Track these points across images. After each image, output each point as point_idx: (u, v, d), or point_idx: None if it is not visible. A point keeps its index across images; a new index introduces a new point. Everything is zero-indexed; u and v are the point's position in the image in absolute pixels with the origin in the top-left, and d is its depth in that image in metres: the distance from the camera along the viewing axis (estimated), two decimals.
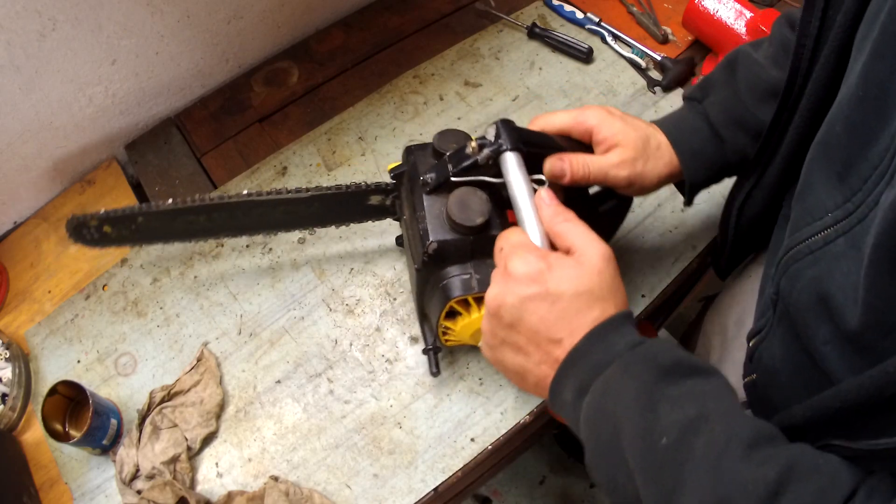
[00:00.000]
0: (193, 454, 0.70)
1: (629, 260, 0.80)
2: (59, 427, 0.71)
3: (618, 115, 0.59)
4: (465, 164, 0.55)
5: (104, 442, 0.69)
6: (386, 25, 1.02)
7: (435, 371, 0.69)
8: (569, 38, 0.96)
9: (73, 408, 0.73)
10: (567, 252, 0.47)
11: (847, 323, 0.39)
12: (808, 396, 0.43)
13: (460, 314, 0.61)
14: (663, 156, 0.59)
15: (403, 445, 0.70)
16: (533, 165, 0.57)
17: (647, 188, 0.60)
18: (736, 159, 0.62)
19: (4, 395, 0.74)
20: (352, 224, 0.74)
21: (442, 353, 0.73)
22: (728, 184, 0.66)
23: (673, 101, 0.92)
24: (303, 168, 0.88)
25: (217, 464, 0.70)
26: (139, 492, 0.67)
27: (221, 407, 0.73)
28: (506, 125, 0.54)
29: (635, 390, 0.40)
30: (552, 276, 0.44)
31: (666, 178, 0.60)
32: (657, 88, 0.93)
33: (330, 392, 0.73)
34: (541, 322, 0.44)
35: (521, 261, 0.45)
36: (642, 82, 0.94)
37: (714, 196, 0.84)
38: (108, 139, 0.91)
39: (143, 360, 0.77)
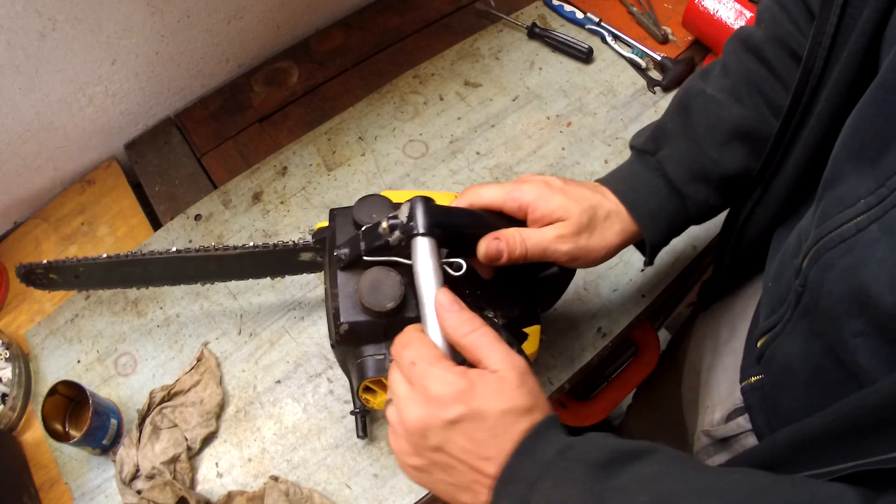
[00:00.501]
0: (193, 454, 0.70)
1: (629, 260, 0.80)
2: (59, 427, 0.71)
3: (558, 187, 0.54)
4: (377, 244, 0.53)
5: (104, 442, 0.69)
6: (386, 25, 1.02)
7: (361, 434, 0.68)
8: (569, 38, 0.96)
9: (73, 408, 0.73)
10: (477, 365, 0.44)
11: (883, 312, 0.38)
12: (826, 397, 0.41)
13: (375, 391, 0.59)
14: (613, 225, 0.55)
15: None
16: (457, 246, 0.55)
17: (593, 261, 0.55)
18: (698, 212, 0.59)
19: (4, 395, 0.74)
20: (286, 276, 0.75)
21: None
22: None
23: None
24: (303, 168, 0.88)
25: (217, 464, 0.70)
26: (139, 492, 0.67)
27: (221, 407, 0.73)
28: (422, 205, 0.51)
29: (577, 496, 0.37)
30: (476, 394, 0.41)
31: (617, 247, 0.56)
32: (657, 88, 0.93)
33: (330, 392, 0.73)
34: (470, 442, 0.41)
35: (441, 381, 0.42)
36: (642, 82, 0.94)
37: None
38: (108, 139, 0.91)
39: (143, 360, 0.77)
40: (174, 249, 0.66)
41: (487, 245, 0.52)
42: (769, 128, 0.54)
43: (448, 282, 0.58)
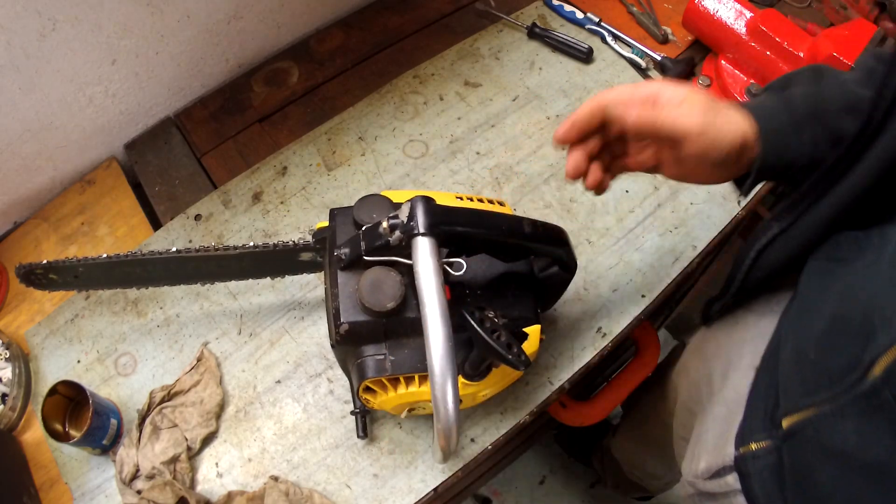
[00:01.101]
0: (193, 454, 0.70)
1: (629, 260, 0.80)
2: (59, 427, 0.71)
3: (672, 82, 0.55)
4: (378, 244, 0.53)
5: (104, 442, 0.69)
6: (386, 25, 1.02)
7: (361, 434, 0.68)
8: (569, 38, 0.96)
9: (73, 408, 0.73)
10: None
11: None
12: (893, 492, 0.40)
13: (376, 391, 0.60)
14: (735, 120, 0.54)
15: (403, 445, 0.70)
16: (457, 246, 0.55)
17: (719, 142, 0.53)
18: (804, 160, 0.56)
19: (4, 395, 0.74)
20: (286, 276, 0.76)
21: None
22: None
23: None
24: (303, 168, 0.88)
25: (217, 464, 0.70)
26: (139, 492, 0.67)
27: (221, 407, 0.73)
28: (422, 204, 0.51)
29: None
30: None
31: (736, 141, 0.53)
32: None
33: (330, 392, 0.73)
34: None
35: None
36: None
37: (714, 196, 0.84)
38: (108, 139, 0.91)
39: (143, 360, 0.77)
40: (174, 249, 0.66)
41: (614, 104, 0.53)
42: None
43: (448, 282, 0.58)
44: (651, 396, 1.01)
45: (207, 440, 0.71)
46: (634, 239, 0.82)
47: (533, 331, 0.60)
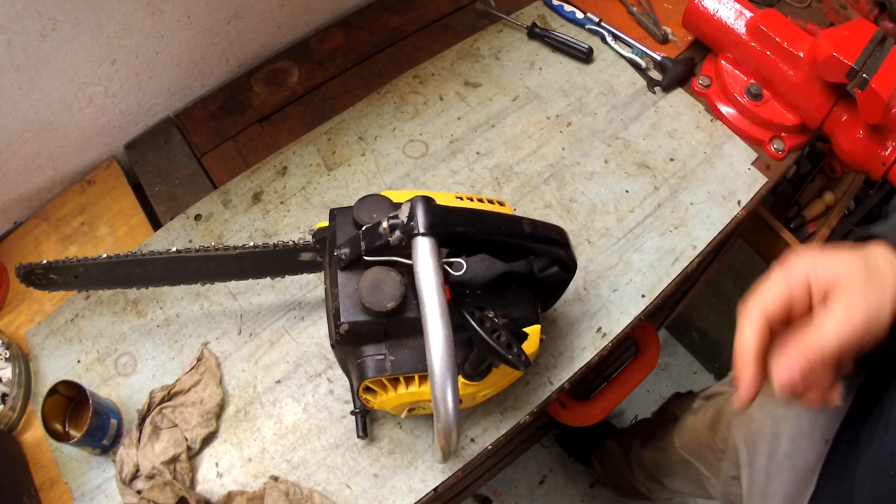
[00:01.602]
0: (193, 454, 0.70)
1: (629, 260, 0.80)
2: (59, 427, 0.71)
3: (818, 251, 0.48)
4: (378, 244, 0.53)
5: (104, 442, 0.69)
6: (386, 25, 1.02)
7: (361, 434, 0.68)
8: (569, 38, 0.96)
9: (73, 408, 0.73)
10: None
11: None
12: None
13: (376, 391, 0.60)
14: (886, 281, 0.45)
15: (403, 445, 0.70)
16: (457, 246, 0.55)
17: (884, 323, 0.44)
18: None
19: (4, 395, 0.74)
20: (286, 276, 0.77)
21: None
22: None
23: (672, 101, 0.92)
24: (303, 168, 0.88)
25: (217, 464, 0.70)
26: (139, 492, 0.67)
27: (221, 407, 0.73)
28: (422, 204, 0.51)
29: None
30: None
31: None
32: (657, 88, 0.94)
33: (330, 392, 0.73)
34: None
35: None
36: (642, 82, 0.94)
37: (714, 196, 0.85)
38: (108, 139, 0.91)
39: (143, 360, 0.77)
40: (174, 249, 0.67)
41: (779, 374, 0.44)
42: None
43: (448, 282, 0.59)
44: (697, 419, 1.00)
45: (207, 440, 0.71)
46: (634, 239, 0.82)
47: (533, 331, 0.60)
